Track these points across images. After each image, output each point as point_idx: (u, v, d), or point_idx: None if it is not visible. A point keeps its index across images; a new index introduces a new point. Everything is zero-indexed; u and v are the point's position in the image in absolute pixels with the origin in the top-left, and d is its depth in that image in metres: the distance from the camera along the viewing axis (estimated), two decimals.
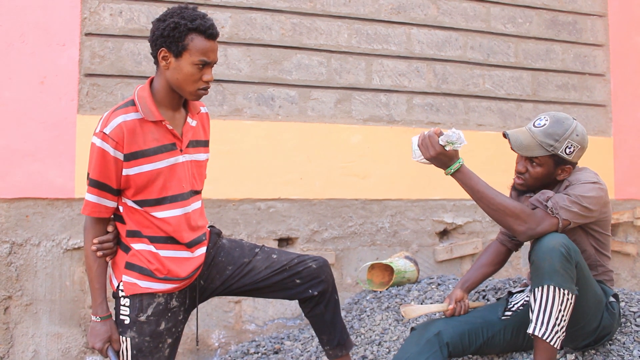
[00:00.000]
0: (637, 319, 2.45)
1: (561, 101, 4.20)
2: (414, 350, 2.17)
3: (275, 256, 2.20)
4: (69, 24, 3.21)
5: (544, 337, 2.00)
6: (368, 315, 3.08)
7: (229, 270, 2.16)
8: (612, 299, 2.24)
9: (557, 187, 2.26)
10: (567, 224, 2.10)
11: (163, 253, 2.01)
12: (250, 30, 3.52)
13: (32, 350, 3.12)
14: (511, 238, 2.50)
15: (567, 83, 4.23)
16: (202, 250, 2.11)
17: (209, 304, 3.31)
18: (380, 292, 3.28)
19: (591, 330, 2.18)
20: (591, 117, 4.27)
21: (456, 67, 3.95)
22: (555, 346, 2.01)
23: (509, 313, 2.34)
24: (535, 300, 2.03)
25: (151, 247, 2.00)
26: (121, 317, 2.02)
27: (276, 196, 3.51)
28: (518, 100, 4.10)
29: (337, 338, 2.26)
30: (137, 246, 2.01)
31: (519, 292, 2.47)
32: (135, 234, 2.01)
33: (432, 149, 2.12)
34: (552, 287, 1.99)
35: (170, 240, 2.02)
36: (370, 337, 2.88)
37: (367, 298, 3.27)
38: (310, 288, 2.19)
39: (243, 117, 3.49)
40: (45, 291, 3.15)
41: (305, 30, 3.63)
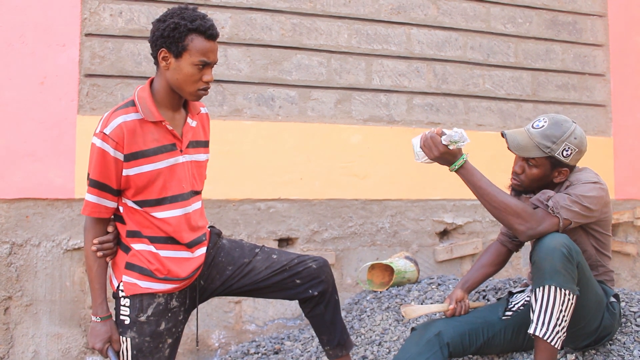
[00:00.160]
0: (638, 319, 2.45)
1: (561, 101, 4.20)
2: (414, 350, 2.17)
3: (275, 256, 2.21)
4: (69, 25, 3.21)
5: (545, 337, 2.00)
6: (368, 316, 3.08)
7: (229, 271, 2.16)
8: (612, 299, 2.24)
9: (557, 187, 2.26)
10: (567, 223, 2.10)
11: (163, 253, 2.01)
12: (250, 30, 3.52)
13: (32, 351, 3.12)
14: (512, 238, 2.49)
15: (567, 83, 4.23)
16: (202, 251, 2.11)
17: (209, 304, 3.31)
18: (381, 292, 3.28)
19: (592, 330, 2.18)
20: (591, 117, 4.27)
21: (456, 67, 3.95)
22: (556, 346, 2.01)
23: (510, 313, 2.34)
24: (536, 300, 2.03)
25: (151, 248, 2.00)
26: (121, 317, 2.02)
27: (276, 196, 3.51)
28: (518, 100, 4.10)
29: (337, 338, 2.26)
30: (137, 246, 2.01)
31: (520, 292, 2.47)
32: (135, 234, 2.01)
33: (436, 149, 2.12)
34: (553, 287, 1.99)
35: (171, 241, 2.02)
36: (371, 337, 2.88)
37: (367, 298, 3.27)
38: (310, 288, 2.19)
39: (243, 118, 3.49)
40: (46, 291, 3.15)
41: (305, 31, 3.63)
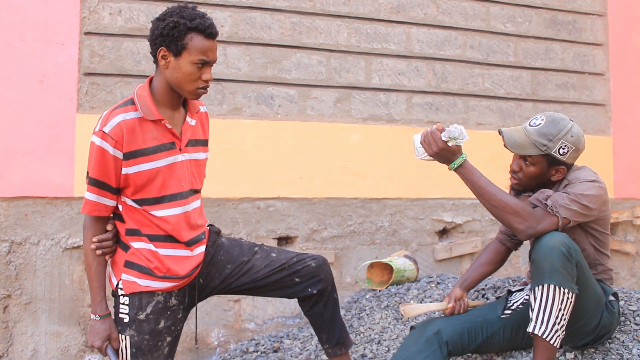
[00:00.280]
0: (637, 318, 2.45)
1: (560, 100, 4.20)
2: (413, 349, 2.17)
3: (274, 255, 2.21)
4: (69, 23, 3.20)
5: (544, 336, 2.00)
6: (367, 314, 3.08)
7: (228, 269, 2.16)
8: (611, 297, 2.24)
9: (555, 186, 2.26)
10: (567, 222, 2.10)
11: (162, 251, 2.01)
12: (249, 29, 3.52)
13: (32, 349, 3.12)
14: (510, 237, 2.49)
15: (567, 82, 4.23)
16: (201, 249, 2.11)
17: (208, 302, 3.31)
18: (380, 290, 3.28)
19: (591, 329, 2.18)
20: (590, 117, 4.27)
21: (456, 66, 3.95)
22: (555, 345, 2.01)
23: (509, 312, 2.34)
24: (535, 299, 2.02)
25: (150, 246, 2.00)
26: (120, 315, 2.02)
27: (275, 195, 3.51)
28: (517, 99, 4.10)
29: (337, 336, 2.27)
30: (137, 245, 2.01)
31: (519, 290, 2.47)
32: (134, 233, 2.01)
33: (435, 145, 2.11)
34: (552, 286, 1.99)
35: (170, 239, 2.02)
36: (370, 335, 2.89)
37: (367, 297, 3.27)
38: (309, 287, 2.19)
39: (242, 116, 3.49)
40: (45, 290, 3.15)
41: (304, 30, 3.63)
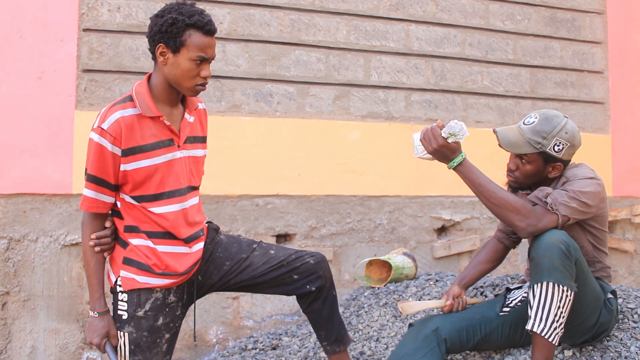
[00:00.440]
0: (635, 316, 2.46)
1: (559, 98, 4.20)
2: (411, 346, 2.17)
3: (272, 252, 2.21)
4: (67, 20, 3.20)
5: (543, 334, 2.00)
6: (366, 312, 3.08)
7: (227, 266, 2.16)
8: (610, 295, 2.25)
9: (553, 183, 2.26)
10: (566, 220, 2.10)
11: (161, 248, 2.01)
12: (248, 26, 3.51)
13: (30, 346, 3.12)
14: (509, 235, 2.49)
15: (566, 80, 4.23)
16: (199, 246, 2.11)
17: (207, 300, 3.31)
18: (378, 288, 3.28)
19: (589, 326, 2.18)
20: (589, 115, 4.27)
21: (455, 63, 3.95)
22: (554, 343, 2.01)
23: (507, 309, 2.35)
24: (534, 296, 2.02)
25: (149, 243, 2.00)
26: (119, 312, 2.02)
27: (274, 192, 3.51)
28: (516, 97, 4.10)
29: (335, 334, 2.27)
30: (135, 241, 2.01)
31: (517, 288, 2.47)
32: (133, 230, 2.01)
33: (435, 141, 2.10)
34: (551, 284, 1.99)
35: (168, 236, 2.02)
36: (368, 333, 2.89)
37: (365, 294, 3.27)
38: (308, 284, 2.19)
39: (241, 113, 3.49)
40: (43, 287, 3.15)
41: (303, 27, 3.62)
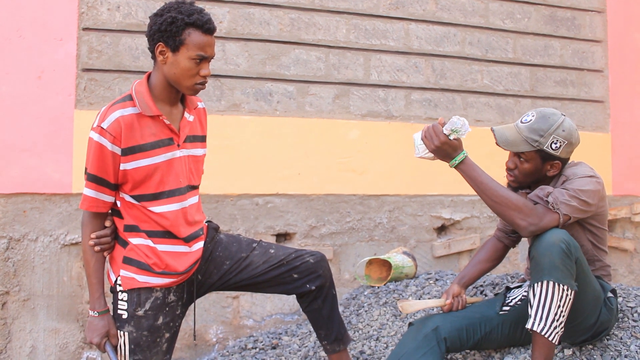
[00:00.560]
0: (635, 314, 2.45)
1: (559, 97, 4.20)
2: (411, 345, 2.17)
3: (272, 251, 2.21)
4: (67, 19, 3.20)
5: (543, 333, 2.00)
6: (366, 311, 3.08)
7: (227, 265, 2.16)
8: (610, 294, 2.24)
9: (553, 182, 2.25)
10: (567, 219, 2.09)
11: (161, 247, 2.01)
12: (248, 25, 3.51)
13: (30, 346, 3.12)
14: (508, 234, 2.49)
15: (565, 79, 4.23)
16: (199, 245, 2.11)
17: (207, 299, 3.31)
18: (378, 287, 3.28)
19: (589, 325, 2.18)
20: (589, 113, 4.27)
21: (454, 62, 3.95)
22: (554, 342, 2.01)
23: (507, 308, 2.35)
24: (534, 295, 2.02)
25: (149, 242, 2.00)
26: (119, 311, 2.02)
27: (274, 191, 3.51)
28: (516, 96, 4.09)
29: (335, 333, 2.27)
30: (135, 241, 2.01)
31: (517, 287, 2.47)
32: (132, 229, 2.01)
33: (437, 138, 2.09)
34: (551, 283, 1.99)
35: (168, 235, 2.02)
36: (368, 332, 2.89)
37: (365, 293, 3.27)
38: (307, 283, 2.19)
39: (241, 113, 3.48)
40: (43, 286, 3.15)
41: (303, 26, 3.62)
